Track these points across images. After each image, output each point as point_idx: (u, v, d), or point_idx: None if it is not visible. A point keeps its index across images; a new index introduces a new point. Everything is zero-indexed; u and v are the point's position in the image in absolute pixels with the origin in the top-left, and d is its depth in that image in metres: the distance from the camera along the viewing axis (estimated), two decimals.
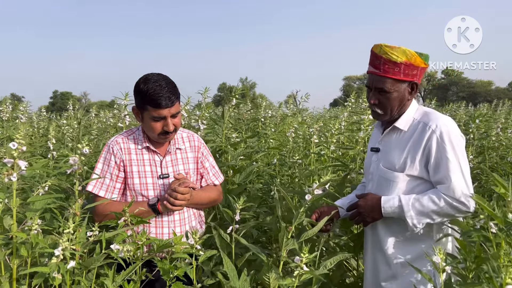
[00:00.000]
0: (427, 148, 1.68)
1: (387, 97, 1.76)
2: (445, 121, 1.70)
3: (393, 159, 1.78)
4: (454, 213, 1.65)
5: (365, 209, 1.80)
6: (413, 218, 1.68)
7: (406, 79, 1.75)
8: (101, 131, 4.86)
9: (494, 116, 5.67)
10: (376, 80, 1.78)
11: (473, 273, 1.36)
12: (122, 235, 1.58)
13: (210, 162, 2.22)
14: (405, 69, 1.73)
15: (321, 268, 1.73)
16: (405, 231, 1.75)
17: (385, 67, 1.75)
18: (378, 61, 1.77)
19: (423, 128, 1.72)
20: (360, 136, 2.76)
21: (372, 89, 1.81)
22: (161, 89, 1.86)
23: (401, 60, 1.72)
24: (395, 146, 1.79)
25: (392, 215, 1.74)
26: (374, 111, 1.83)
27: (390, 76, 1.74)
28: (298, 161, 3.07)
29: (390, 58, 1.73)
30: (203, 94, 3.59)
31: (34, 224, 1.42)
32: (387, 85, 1.75)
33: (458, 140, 1.68)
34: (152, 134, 1.96)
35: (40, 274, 1.42)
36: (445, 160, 1.65)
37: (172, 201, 1.89)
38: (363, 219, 1.82)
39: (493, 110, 8.94)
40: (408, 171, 1.73)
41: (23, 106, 5.29)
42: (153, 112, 1.88)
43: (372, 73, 1.80)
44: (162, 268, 1.55)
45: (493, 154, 4.07)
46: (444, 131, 1.67)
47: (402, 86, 1.76)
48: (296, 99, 8.16)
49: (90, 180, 1.79)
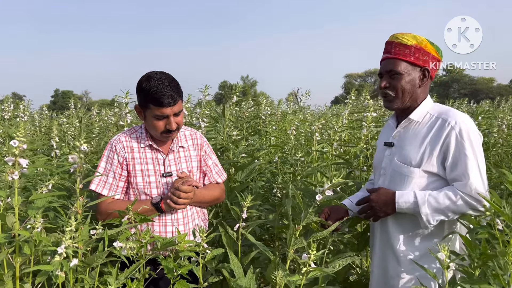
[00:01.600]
0: (445, 144, 1.67)
1: (398, 79, 1.77)
2: (464, 118, 1.70)
3: (409, 153, 1.76)
4: (470, 211, 1.64)
5: (378, 203, 1.77)
6: (428, 215, 1.66)
7: (416, 62, 1.77)
8: (102, 129, 4.85)
9: (496, 113, 5.65)
10: (387, 64, 1.80)
11: (479, 270, 1.35)
12: (126, 233, 1.57)
13: (213, 160, 2.21)
14: (415, 52, 1.76)
15: (330, 268, 1.73)
16: (416, 227, 1.73)
17: (395, 50, 1.78)
18: (390, 46, 1.81)
19: (442, 124, 1.70)
20: (363, 133, 2.75)
21: (384, 74, 1.82)
22: (164, 87, 1.85)
23: (411, 43, 1.76)
24: (412, 140, 1.78)
25: (405, 211, 1.72)
26: (386, 95, 1.82)
27: (401, 58, 1.77)
28: (300, 158, 3.05)
29: (401, 41, 1.78)
30: (204, 92, 3.58)
31: (37, 222, 1.42)
32: (398, 66, 1.77)
33: (476, 137, 1.68)
34: (155, 132, 1.95)
35: (43, 272, 1.42)
36: (464, 157, 1.64)
37: (175, 200, 1.88)
38: (375, 214, 1.79)
39: (495, 107, 8.92)
40: (425, 166, 1.71)
41: (23, 104, 5.29)
42: (156, 110, 1.87)
43: (384, 58, 1.83)
44: (166, 266, 1.54)
45: (498, 151, 4.06)
46: (463, 128, 1.66)
47: (413, 71, 1.78)
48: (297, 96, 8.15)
49: (92, 178, 1.78)
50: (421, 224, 1.69)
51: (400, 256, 1.78)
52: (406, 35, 1.78)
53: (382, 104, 1.95)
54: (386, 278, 1.84)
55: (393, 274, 1.80)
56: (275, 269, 1.59)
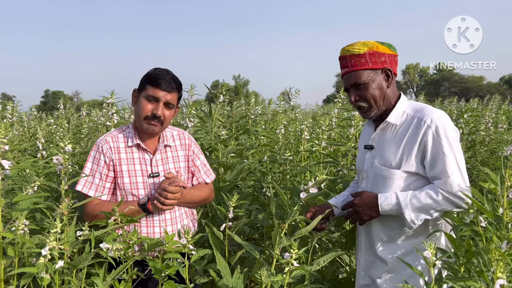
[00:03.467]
0: (423, 143, 1.68)
1: (365, 88, 1.77)
2: (440, 115, 1.70)
3: (388, 156, 1.77)
4: (452, 208, 1.65)
5: (362, 208, 1.78)
6: (411, 215, 1.67)
7: (376, 67, 1.76)
8: (92, 130, 4.82)
9: (484, 111, 5.70)
10: (349, 78, 1.79)
11: (464, 267, 1.37)
12: (113, 234, 1.56)
13: (201, 160, 2.21)
14: (371, 58, 1.75)
15: (314, 265, 1.73)
16: (401, 226, 1.75)
17: (351, 62, 1.77)
18: (344, 60, 1.80)
19: (418, 123, 1.71)
20: (351, 132, 2.76)
21: (350, 89, 1.82)
22: (167, 74, 1.98)
23: (363, 51, 1.75)
24: (390, 142, 1.79)
25: (389, 213, 1.73)
26: (360, 108, 1.82)
27: (359, 69, 1.76)
28: (289, 158, 3.06)
29: (353, 52, 1.77)
30: (190, 91, 3.56)
31: (20, 224, 1.40)
32: (360, 77, 1.76)
33: (453, 134, 1.69)
34: (140, 116, 1.95)
35: (28, 274, 1.41)
36: (442, 155, 1.65)
37: (162, 201, 1.87)
38: (360, 218, 1.81)
39: (485, 105, 9.00)
40: (405, 167, 1.72)
41: (11, 106, 5.22)
42: (150, 91, 1.93)
43: (344, 74, 1.83)
44: (153, 267, 1.54)
45: (484, 149, 4.10)
46: (439, 126, 1.66)
47: (375, 75, 1.77)
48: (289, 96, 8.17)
49: (77, 179, 1.77)
50: (406, 224, 1.70)
51: (387, 255, 1.79)
52: (356, 44, 1.77)
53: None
54: (372, 277, 1.85)
55: (380, 272, 1.82)
56: (259, 268, 1.59)
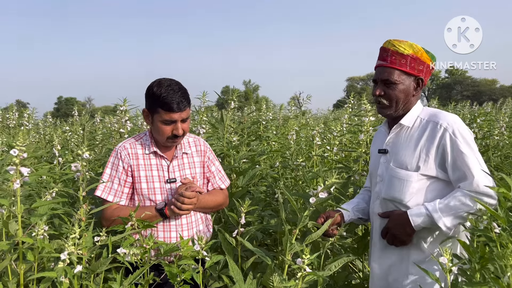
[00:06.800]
0: (441, 146, 1.69)
1: (393, 88, 1.77)
2: (454, 118, 1.72)
3: (404, 158, 1.77)
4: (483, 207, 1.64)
5: (397, 229, 1.75)
6: (445, 222, 1.65)
7: (412, 72, 1.77)
8: (106, 136, 4.88)
9: (498, 116, 5.63)
10: (383, 72, 1.80)
11: (479, 274, 1.36)
12: (129, 239, 1.59)
13: (216, 166, 2.24)
14: (411, 62, 1.76)
15: (326, 270, 1.74)
16: (419, 232, 1.73)
17: (392, 59, 1.78)
18: (386, 53, 1.80)
19: (433, 127, 1.72)
20: (361, 138, 2.76)
21: (378, 82, 1.82)
22: (174, 93, 1.92)
23: (408, 53, 1.76)
24: (405, 145, 1.79)
25: (423, 225, 1.70)
26: (380, 103, 1.83)
27: (397, 67, 1.76)
28: (301, 163, 3.07)
29: (397, 50, 1.77)
30: (202, 98, 3.57)
31: (40, 229, 1.44)
32: (393, 76, 1.77)
33: (469, 135, 1.70)
34: (161, 137, 1.98)
35: (47, 278, 1.44)
36: (462, 156, 1.65)
37: (179, 206, 1.91)
38: (401, 239, 1.76)
39: (498, 109, 8.90)
40: (423, 170, 1.72)
41: (27, 113, 5.34)
42: (165, 115, 1.92)
43: (379, 65, 1.83)
44: (169, 272, 1.56)
45: (498, 154, 4.05)
46: (455, 128, 1.68)
47: (408, 80, 1.78)
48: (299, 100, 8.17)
49: (95, 185, 1.81)
50: (443, 232, 1.68)
51: (405, 260, 1.78)
52: (403, 43, 1.77)
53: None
54: (386, 283, 1.85)
55: (396, 276, 1.81)
56: (271, 274, 1.60)
